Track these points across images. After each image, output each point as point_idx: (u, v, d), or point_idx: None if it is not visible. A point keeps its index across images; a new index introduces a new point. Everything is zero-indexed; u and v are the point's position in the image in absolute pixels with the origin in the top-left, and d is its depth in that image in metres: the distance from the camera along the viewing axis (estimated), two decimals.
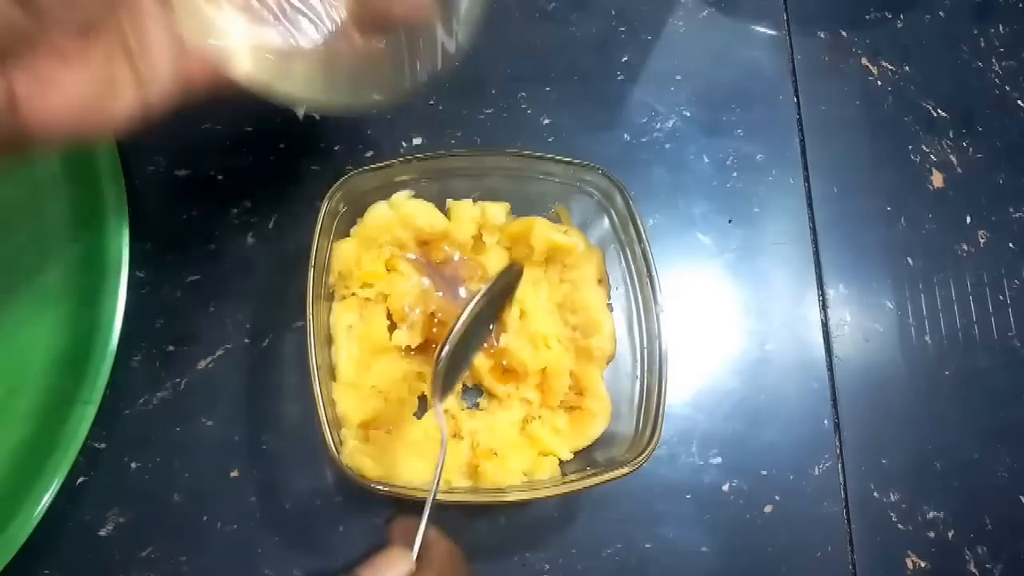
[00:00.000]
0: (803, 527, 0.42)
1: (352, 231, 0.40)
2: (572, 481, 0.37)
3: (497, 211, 0.42)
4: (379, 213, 0.40)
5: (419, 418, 0.40)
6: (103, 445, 0.39)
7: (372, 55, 0.28)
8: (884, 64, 0.50)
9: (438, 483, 0.32)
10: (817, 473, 0.43)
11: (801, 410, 0.44)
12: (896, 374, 0.45)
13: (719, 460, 0.43)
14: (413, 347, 0.40)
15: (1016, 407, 0.46)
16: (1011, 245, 0.48)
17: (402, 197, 0.41)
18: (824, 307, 0.46)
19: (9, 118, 0.22)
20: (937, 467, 0.44)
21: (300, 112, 0.29)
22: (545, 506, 0.41)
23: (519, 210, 0.42)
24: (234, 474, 0.40)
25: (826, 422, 0.44)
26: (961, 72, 0.50)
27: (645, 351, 0.40)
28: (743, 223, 0.47)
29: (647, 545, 0.41)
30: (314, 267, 0.37)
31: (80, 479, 0.39)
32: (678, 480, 0.42)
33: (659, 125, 0.48)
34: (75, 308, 0.39)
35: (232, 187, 0.44)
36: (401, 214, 0.41)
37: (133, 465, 0.39)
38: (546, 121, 0.47)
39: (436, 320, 0.41)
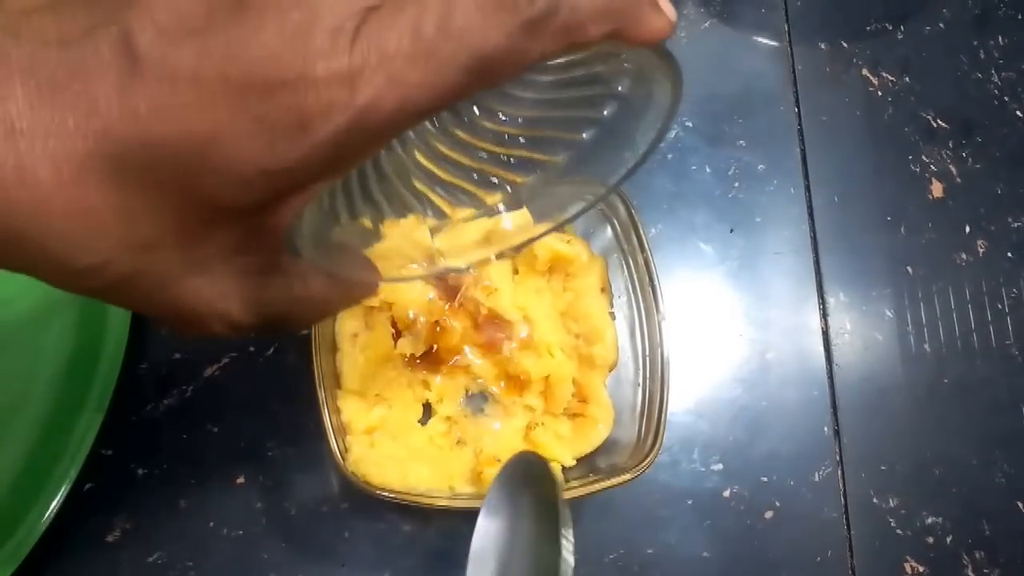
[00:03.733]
0: (803, 533, 0.43)
1: None
2: (574, 487, 0.37)
3: None
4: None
5: (424, 425, 0.40)
6: (110, 452, 0.40)
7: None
8: (884, 75, 0.50)
9: None
10: (817, 479, 0.43)
11: (801, 417, 0.44)
12: (895, 382, 0.46)
13: (720, 467, 0.43)
14: (418, 355, 0.41)
15: (1014, 414, 0.46)
16: (1010, 255, 0.48)
17: None
18: (824, 315, 0.46)
19: None
20: (936, 473, 0.44)
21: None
22: None
23: None
24: (240, 480, 0.40)
25: (826, 429, 0.44)
26: (961, 83, 0.51)
27: (647, 359, 0.40)
28: (744, 232, 0.47)
29: (649, 551, 0.41)
30: None
31: (87, 485, 0.39)
32: (680, 486, 0.42)
33: None
34: (82, 316, 0.40)
35: None
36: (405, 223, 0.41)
37: (140, 472, 0.40)
38: None
39: (440, 328, 0.41)
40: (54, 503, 0.35)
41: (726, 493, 0.43)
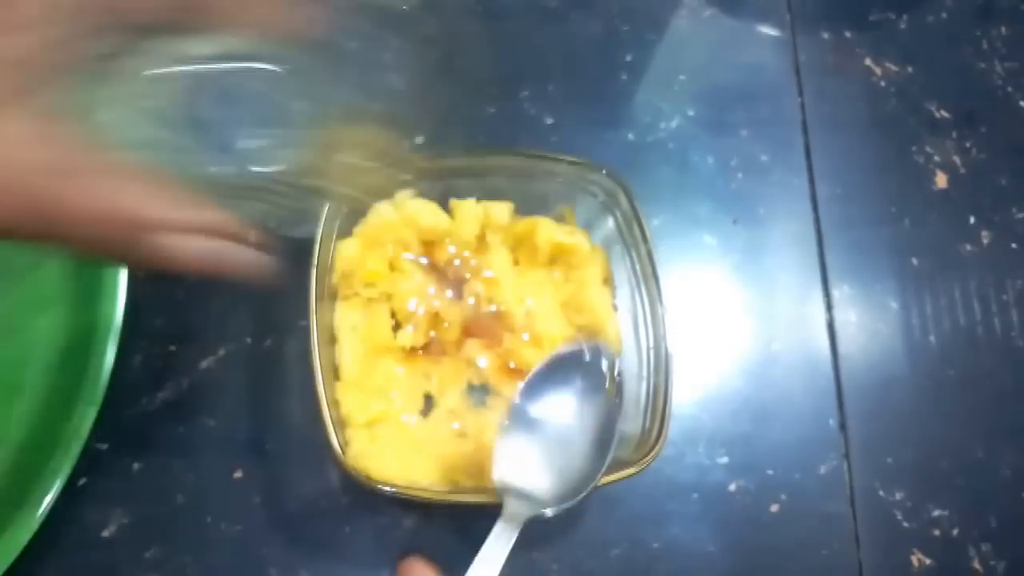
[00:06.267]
0: (809, 526, 0.42)
1: (355, 231, 0.40)
2: None
3: (501, 210, 0.42)
4: (382, 213, 0.40)
5: (424, 417, 0.40)
6: (105, 446, 0.39)
7: None
8: (887, 65, 0.50)
9: None
10: (823, 472, 0.43)
11: (807, 410, 0.44)
12: (901, 374, 0.45)
13: (726, 460, 0.42)
14: (418, 347, 0.40)
15: (1020, 406, 0.46)
16: (1013, 245, 0.48)
17: (405, 196, 0.41)
18: (829, 307, 0.46)
19: None
20: (942, 466, 0.44)
21: None
22: None
23: (523, 210, 0.42)
24: (237, 475, 0.39)
25: (832, 421, 0.44)
26: (964, 73, 0.51)
27: (651, 352, 0.39)
28: (748, 224, 0.47)
29: (654, 544, 0.41)
30: (317, 267, 0.37)
31: (82, 480, 0.38)
32: (685, 480, 0.42)
33: (663, 125, 0.47)
34: (75, 308, 0.39)
35: None
36: (404, 214, 0.40)
37: (135, 466, 0.39)
38: (549, 120, 0.47)
39: (440, 320, 0.40)
40: (48, 498, 0.35)
41: (732, 486, 0.42)
